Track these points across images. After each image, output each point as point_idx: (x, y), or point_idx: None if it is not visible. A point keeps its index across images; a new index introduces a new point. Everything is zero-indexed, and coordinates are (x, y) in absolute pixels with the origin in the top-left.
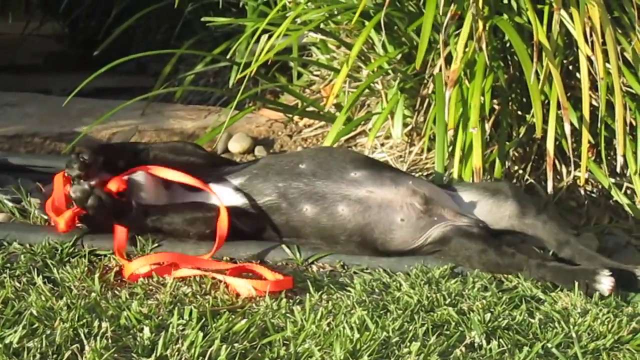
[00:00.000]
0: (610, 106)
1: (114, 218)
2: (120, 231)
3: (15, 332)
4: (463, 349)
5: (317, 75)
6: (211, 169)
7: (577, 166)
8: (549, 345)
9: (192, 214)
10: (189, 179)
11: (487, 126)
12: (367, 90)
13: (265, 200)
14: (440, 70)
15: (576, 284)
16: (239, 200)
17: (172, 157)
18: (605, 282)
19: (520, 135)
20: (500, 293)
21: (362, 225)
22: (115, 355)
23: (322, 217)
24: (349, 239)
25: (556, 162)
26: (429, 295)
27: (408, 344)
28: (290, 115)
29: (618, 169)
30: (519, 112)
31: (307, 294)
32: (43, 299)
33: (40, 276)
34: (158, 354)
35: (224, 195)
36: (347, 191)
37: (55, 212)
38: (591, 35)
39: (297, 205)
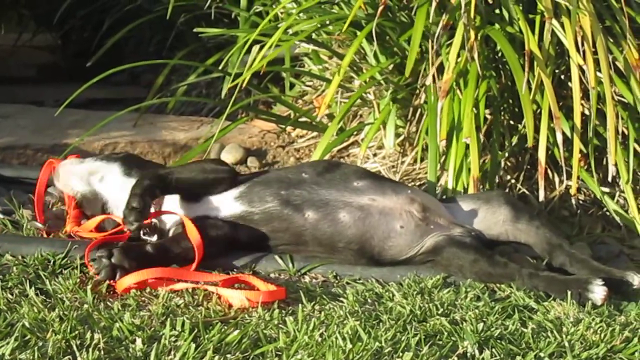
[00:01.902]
0: (602, 115)
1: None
2: None
3: (8, 344)
4: (456, 359)
5: (309, 86)
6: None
7: (570, 175)
8: (542, 354)
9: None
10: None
11: (480, 136)
12: (359, 101)
13: (267, 207)
14: (433, 80)
15: (569, 293)
16: (238, 208)
17: (193, 175)
18: (598, 292)
19: (513, 145)
20: (492, 303)
21: (362, 232)
22: None
23: (323, 223)
24: (347, 247)
25: (548, 171)
26: (421, 305)
27: (401, 354)
28: (283, 126)
29: (610, 178)
30: (511, 122)
31: (300, 305)
32: (35, 310)
33: (33, 288)
34: None
35: (223, 204)
36: (350, 199)
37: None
38: (583, 45)
39: (300, 211)
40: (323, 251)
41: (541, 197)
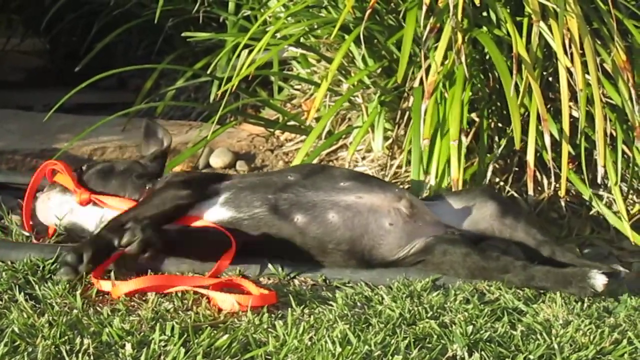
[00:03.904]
0: (590, 117)
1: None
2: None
3: None
4: None
5: (297, 90)
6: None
7: (558, 177)
8: (531, 357)
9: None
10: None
11: (468, 138)
12: (347, 104)
13: (255, 212)
14: (421, 83)
15: (572, 282)
16: (226, 214)
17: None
18: (598, 278)
19: (501, 147)
20: (482, 305)
21: (351, 231)
22: None
23: (312, 225)
24: (337, 248)
25: (537, 173)
26: (410, 308)
27: (390, 357)
28: (272, 130)
29: (599, 180)
30: (500, 124)
31: (289, 309)
32: (25, 316)
33: (22, 293)
34: None
35: (210, 211)
36: (337, 198)
37: None
38: (570, 47)
39: (289, 216)
40: (314, 254)
41: (530, 200)
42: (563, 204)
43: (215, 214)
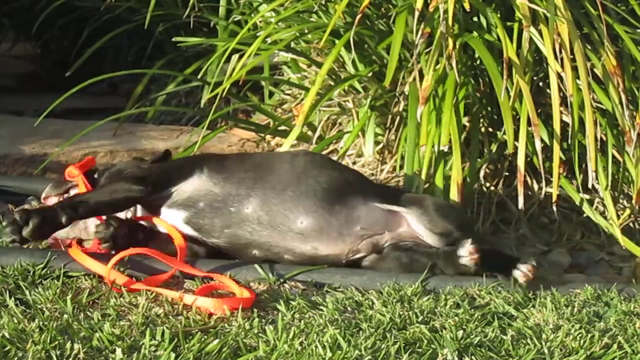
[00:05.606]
0: (580, 122)
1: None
2: None
3: None
4: None
5: (288, 94)
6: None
7: (549, 182)
8: None
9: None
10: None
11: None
12: (338, 109)
13: (215, 242)
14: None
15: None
16: (191, 232)
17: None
18: (522, 269)
19: (492, 152)
20: (472, 310)
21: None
22: None
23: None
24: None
25: (527, 178)
26: (401, 313)
27: None
28: (262, 135)
29: (590, 185)
30: (490, 129)
31: (280, 313)
32: (15, 321)
33: (13, 298)
34: None
35: (177, 225)
36: (292, 244)
37: None
38: (561, 52)
39: (246, 250)
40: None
41: (520, 205)
42: (555, 208)
43: (182, 230)
